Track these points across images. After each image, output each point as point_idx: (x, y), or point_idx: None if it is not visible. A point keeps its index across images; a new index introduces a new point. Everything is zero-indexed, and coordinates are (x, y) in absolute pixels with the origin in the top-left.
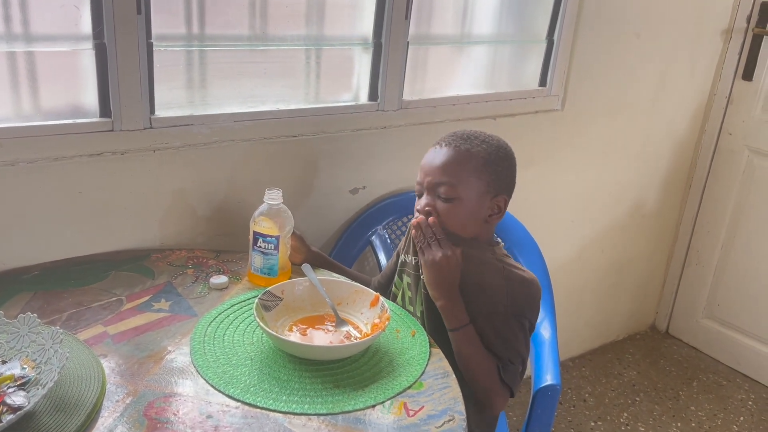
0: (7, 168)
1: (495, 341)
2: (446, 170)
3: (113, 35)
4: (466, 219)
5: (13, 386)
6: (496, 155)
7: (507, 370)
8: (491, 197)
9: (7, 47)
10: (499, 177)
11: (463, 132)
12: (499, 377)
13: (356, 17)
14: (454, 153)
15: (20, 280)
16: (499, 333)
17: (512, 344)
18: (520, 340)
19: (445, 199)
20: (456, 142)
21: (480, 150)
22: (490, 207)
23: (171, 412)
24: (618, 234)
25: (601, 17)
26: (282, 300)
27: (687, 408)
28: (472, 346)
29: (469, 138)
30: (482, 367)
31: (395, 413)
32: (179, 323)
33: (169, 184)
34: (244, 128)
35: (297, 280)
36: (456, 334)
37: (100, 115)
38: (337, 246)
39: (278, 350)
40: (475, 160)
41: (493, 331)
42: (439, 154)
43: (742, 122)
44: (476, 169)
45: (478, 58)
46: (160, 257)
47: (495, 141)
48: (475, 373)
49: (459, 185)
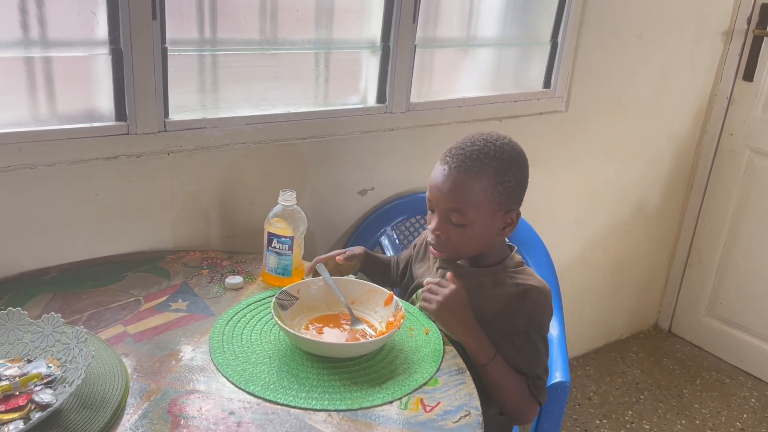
0: (27, 171)
1: (520, 361)
2: (456, 197)
3: (129, 40)
4: (478, 240)
5: (40, 384)
6: (508, 170)
7: (536, 385)
8: (503, 214)
9: (25, 52)
10: (511, 193)
11: (472, 147)
12: (531, 394)
13: (364, 21)
14: (463, 178)
15: (39, 282)
16: (524, 352)
17: (536, 359)
18: (542, 352)
19: (457, 225)
20: (465, 163)
21: (491, 169)
22: (503, 222)
23: (194, 409)
24: (621, 234)
25: (604, 19)
26: (298, 299)
27: (691, 406)
28: (505, 374)
29: (479, 156)
30: (515, 390)
31: (413, 409)
32: (197, 323)
33: (182, 186)
34: (255, 131)
35: (312, 280)
36: (487, 368)
37: (115, 119)
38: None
39: (296, 348)
40: (486, 181)
41: (516, 352)
42: (448, 177)
43: (743, 123)
44: (487, 192)
45: (484, 61)
46: (174, 258)
47: (507, 153)
48: (510, 398)
49: (470, 212)
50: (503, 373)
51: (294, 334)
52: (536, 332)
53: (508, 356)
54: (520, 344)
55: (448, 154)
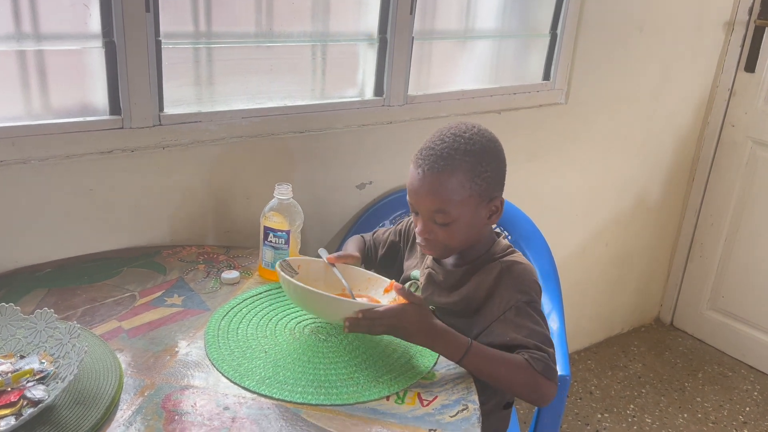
0: (20, 166)
1: (519, 334)
2: (435, 199)
3: (122, 33)
4: (466, 234)
5: (32, 380)
6: (482, 161)
7: (536, 359)
8: (486, 203)
9: (18, 46)
10: (489, 183)
11: (442, 145)
12: (534, 370)
13: (361, 13)
14: (438, 178)
15: (34, 278)
16: (521, 326)
17: (535, 330)
18: (539, 323)
19: (442, 224)
20: (437, 163)
21: (464, 164)
22: (488, 210)
23: (188, 405)
24: (622, 227)
25: (604, 11)
26: (297, 274)
27: (693, 399)
28: (488, 359)
29: (450, 152)
30: (511, 371)
31: (410, 403)
32: (192, 318)
33: (178, 181)
34: (251, 124)
35: (313, 259)
36: (465, 361)
37: (109, 113)
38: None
39: (292, 343)
40: (462, 177)
41: (514, 328)
42: (424, 181)
43: (744, 114)
44: (465, 187)
45: (482, 53)
46: (170, 253)
47: (478, 144)
48: (507, 380)
49: (452, 210)
50: (486, 360)
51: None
52: (527, 305)
53: (505, 335)
54: (516, 320)
55: (420, 156)
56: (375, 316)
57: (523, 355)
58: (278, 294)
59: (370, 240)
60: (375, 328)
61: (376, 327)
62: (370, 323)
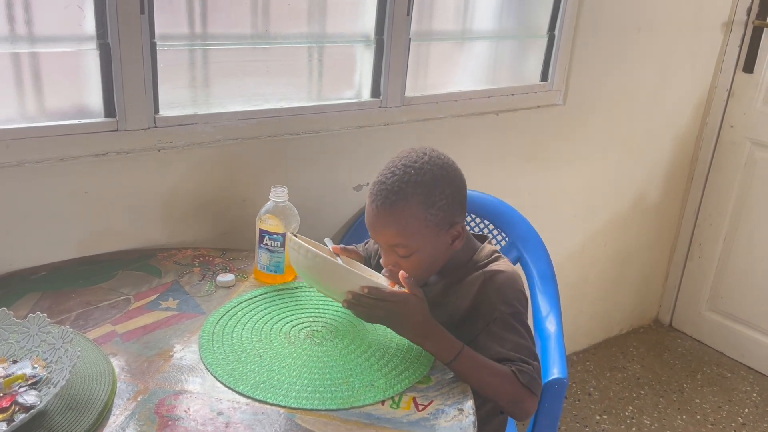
0: (14, 169)
1: (503, 348)
2: (391, 234)
3: (117, 35)
4: (431, 262)
5: (24, 385)
6: (434, 191)
7: (523, 371)
8: (447, 230)
9: (12, 48)
10: (446, 211)
11: (392, 178)
12: (519, 383)
13: (358, 14)
14: (391, 213)
15: (28, 281)
16: (505, 339)
17: (519, 343)
18: (524, 335)
19: (404, 256)
20: (389, 198)
21: (417, 196)
22: (450, 237)
23: (182, 410)
24: (620, 228)
25: (602, 11)
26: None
27: (692, 400)
28: (477, 366)
29: (401, 186)
30: (497, 380)
31: (405, 408)
32: (187, 321)
33: (173, 183)
34: (247, 126)
35: (319, 245)
36: (455, 364)
37: (104, 115)
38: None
39: (287, 347)
40: (415, 209)
41: (498, 340)
42: (378, 216)
43: (743, 114)
44: (420, 219)
45: (480, 54)
46: (166, 256)
47: (429, 173)
48: (493, 389)
49: (411, 242)
50: (475, 366)
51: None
52: (512, 317)
53: (489, 348)
54: (500, 332)
55: (373, 190)
56: (380, 295)
57: (510, 368)
58: (273, 297)
59: (363, 250)
60: (375, 311)
61: (376, 310)
62: (373, 303)
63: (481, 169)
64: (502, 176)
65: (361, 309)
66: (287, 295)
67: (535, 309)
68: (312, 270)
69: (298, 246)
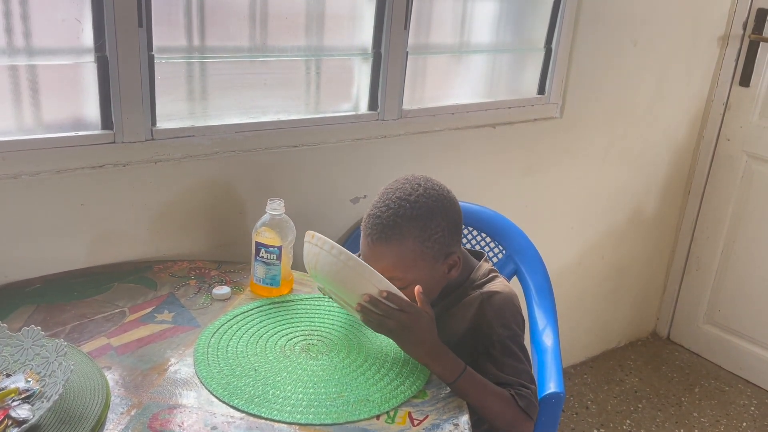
0: (10, 181)
1: (502, 372)
2: (387, 267)
3: (115, 48)
4: (428, 291)
5: (17, 399)
6: (429, 224)
7: (521, 395)
8: (443, 260)
9: (10, 61)
10: (442, 243)
11: (387, 212)
12: (518, 406)
13: (355, 27)
14: (386, 248)
15: (23, 293)
16: (504, 363)
17: (517, 368)
18: (522, 360)
19: (402, 287)
20: (384, 233)
21: (412, 230)
22: (446, 266)
23: (176, 424)
24: (618, 240)
25: (598, 25)
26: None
27: (689, 414)
28: (478, 387)
29: (396, 220)
30: (497, 403)
31: (400, 423)
32: (182, 334)
33: (170, 196)
34: (245, 139)
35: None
36: (457, 384)
37: (101, 128)
38: None
39: (282, 361)
40: (410, 243)
41: (497, 365)
42: (374, 250)
43: (740, 128)
44: (416, 252)
45: (477, 67)
46: (162, 268)
47: (424, 206)
48: (493, 412)
49: (406, 274)
50: (476, 387)
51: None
52: (510, 340)
53: (488, 371)
54: (496, 356)
55: (367, 224)
56: (398, 303)
57: (509, 391)
58: (269, 311)
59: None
60: (386, 321)
61: (389, 320)
62: (387, 311)
63: (478, 181)
64: (499, 189)
65: (375, 315)
66: (283, 308)
67: (532, 322)
68: (333, 266)
69: (322, 242)
